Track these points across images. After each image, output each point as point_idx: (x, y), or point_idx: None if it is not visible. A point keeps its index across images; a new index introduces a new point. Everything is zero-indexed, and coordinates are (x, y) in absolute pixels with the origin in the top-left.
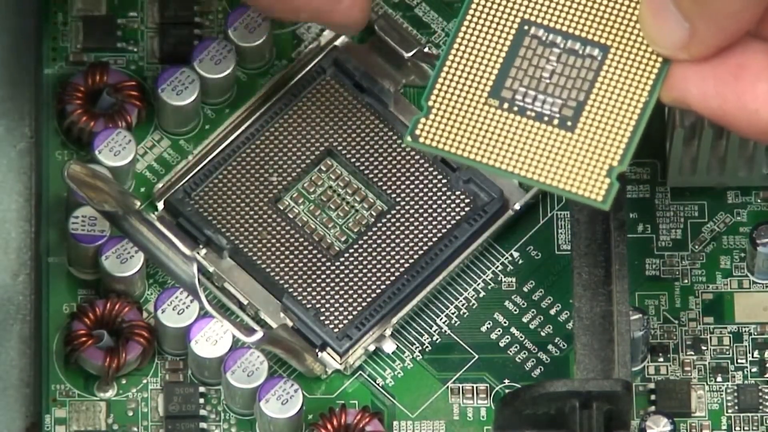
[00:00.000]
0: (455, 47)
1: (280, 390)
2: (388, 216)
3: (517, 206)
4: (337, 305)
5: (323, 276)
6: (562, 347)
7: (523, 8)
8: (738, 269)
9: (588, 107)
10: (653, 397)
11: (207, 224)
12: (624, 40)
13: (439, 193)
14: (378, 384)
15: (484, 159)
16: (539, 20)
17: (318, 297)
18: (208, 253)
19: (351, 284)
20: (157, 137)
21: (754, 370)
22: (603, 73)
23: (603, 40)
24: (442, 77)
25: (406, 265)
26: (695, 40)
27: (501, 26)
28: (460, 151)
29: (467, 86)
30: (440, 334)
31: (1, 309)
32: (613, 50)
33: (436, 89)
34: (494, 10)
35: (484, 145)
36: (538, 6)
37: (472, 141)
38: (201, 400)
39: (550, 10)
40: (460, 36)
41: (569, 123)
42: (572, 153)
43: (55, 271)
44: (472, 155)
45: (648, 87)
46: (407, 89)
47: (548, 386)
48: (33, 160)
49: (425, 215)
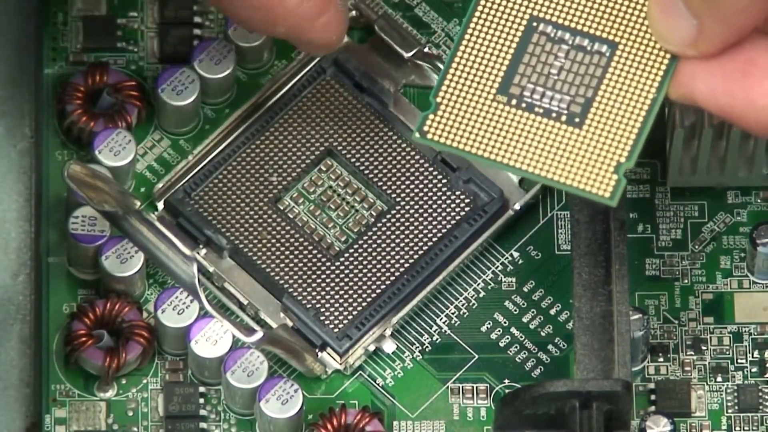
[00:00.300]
0: (463, 44)
1: (280, 390)
2: (388, 216)
3: (517, 206)
4: (337, 305)
5: (323, 276)
6: (562, 347)
7: (532, 5)
8: (738, 269)
9: (596, 104)
10: (653, 397)
11: (207, 224)
12: (632, 37)
13: (439, 193)
14: (378, 384)
15: (492, 155)
16: (548, 17)
17: (318, 297)
18: (208, 253)
19: (351, 284)
20: (157, 137)
21: (754, 370)
22: (611, 70)
23: (611, 37)
24: (451, 74)
25: (406, 265)
26: (703, 37)
27: (509, 23)
28: (468, 147)
29: (475, 83)
30: (440, 334)
31: (1, 309)
32: (622, 47)
33: (445, 86)
34: (503, 7)
35: (492, 142)
36: (547, 3)
37: (480, 137)
38: (201, 400)
39: (559, 7)
40: (469, 33)
41: (577, 119)
42: (580, 149)
43: (55, 271)
44: (480, 151)
45: (656, 83)
46: (407, 89)
47: (548, 386)
48: (33, 160)
49: (425, 215)
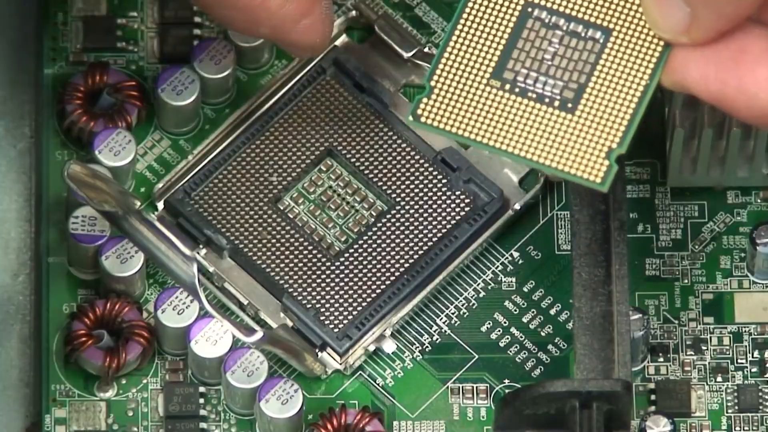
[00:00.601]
0: (458, 29)
1: (280, 390)
2: (388, 216)
3: (517, 206)
4: (337, 305)
5: (323, 276)
6: (562, 347)
7: None
8: (738, 269)
9: (589, 89)
10: (653, 397)
11: (207, 224)
12: (626, 24)
13: (439, 193)
14: (378, 384)
15: (485, 139)
16: (542, 2)
17: (318, 297)
18: (208, 253)
19: (351, 284)
20: (157, 137)
21: (754, 370)
22: (605, 56)
23: (605, 23)
24: (445, 58)
25: (406, 265)
26: (696, 25)
27: (504, 8)
28: (461, 131)
29: (469, 67)
30: (440, 334)
31: (1, 309)
32: (616, 33)
33: (439, 70)
34: None
35: (485, 126)
36: None
37: (474, 121)
38: (201, 400)
39: None
40: (464, 18)
41: (570, 105)
42: (572, 134)
43: (55, 271)
44: (473, 135)
45: (649, 70)
46: (407, 89)
47: (548, 386)
48: (33, 160)
49: (425, 215)
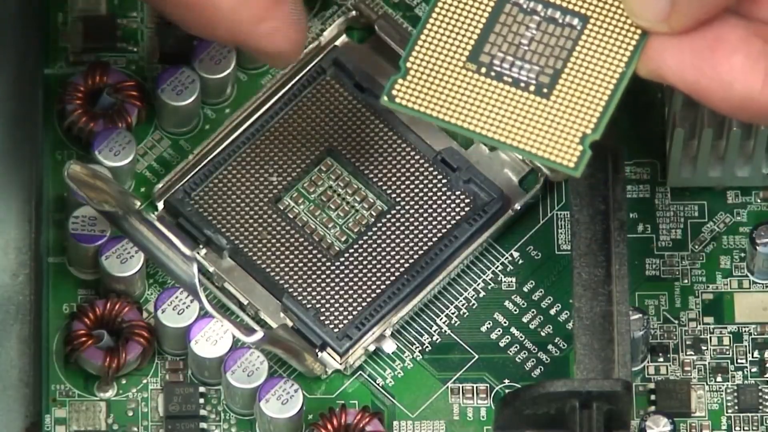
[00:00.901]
0: (436, 11)
1: (280, 390)
2: (388, 216)
3: (517, 206)
4: (337, 305)
5: (323, 276)
6: (562, 347)
7: None
8: (738, 269)
9: (564, 75)
10: (653, 397)
11: (207, 224)
12: (604, 11)
13: (439, 193)
14: (378, 384)
15: (459, 121)
16: None
17: (318, 297)
18: (208, 253)
19: (351, 284)
20: (157, 137)
21: (754, 370)
22: (581, 43)
23: (583, 11)
24: (422, 40)
25: (406, 265)
26: (676, 14)
27: None
28: (435, 113)
29: (446, 50)
30: (440, 334)
31: (1, 309)
32: (593, 21)
33: (415, 51)
34: None
35: (460, 108)
36: None
37: (448, 103)
38: (201, 400)
39: None
40: (442, 1)
41: (545, 90)
42: (546, 119)
43: (55, 271)
44: (447, 117)
45: (625, 58)
46: None
47: (548, 386)
48: (33, 160)
49: (425, 215)
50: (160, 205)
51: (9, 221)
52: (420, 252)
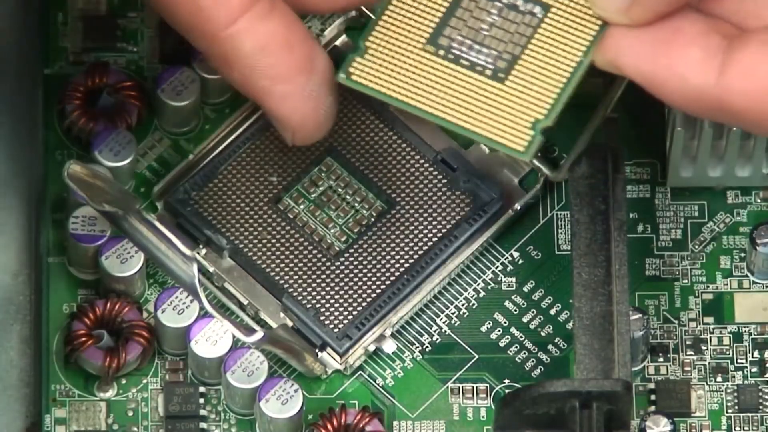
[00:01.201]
0: None
1: (280, 390)
2: (388, 216)
3: (517, 206)
4: (337, 305)
5: (323, 276)
6: (562, 347)
7: None
8: (738, 269)
9: (521, 61)
10: (653, 397)
11: (207, 224)
12: (566, 2)
13: (439, 193)
14: (378, 384)
15: (413, 101)
16: None
17: (318, 297)
18: (208, 253)
19: (351, 284)
20: (157, 137)
21: (754, 370)
22: (541, 31)
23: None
24: (384, 20)
25: (406, 265)
26: (636, 6)
27: None
28: (391, 92)
29: (406, 31)
30: (440, 334)
31: (1, 309)
32: (554, 10)
33: (376, 31)
34: None
35: (415, 89)
36: None
37: (404, 84)
38: (201, 400)
39: None
40: None
41: (501, 75)
42: (500, 103)
43: (55, 271)
44: (402, 97)
45: (583, 48)
46: None
47: (548, 386)
48: (33, 160)
49: (425, 215)
50: (160, 205)
51: (9, 221)
52: (420, 252)
